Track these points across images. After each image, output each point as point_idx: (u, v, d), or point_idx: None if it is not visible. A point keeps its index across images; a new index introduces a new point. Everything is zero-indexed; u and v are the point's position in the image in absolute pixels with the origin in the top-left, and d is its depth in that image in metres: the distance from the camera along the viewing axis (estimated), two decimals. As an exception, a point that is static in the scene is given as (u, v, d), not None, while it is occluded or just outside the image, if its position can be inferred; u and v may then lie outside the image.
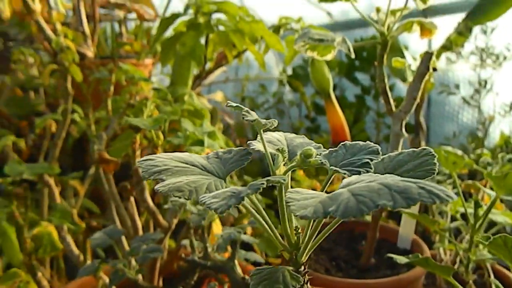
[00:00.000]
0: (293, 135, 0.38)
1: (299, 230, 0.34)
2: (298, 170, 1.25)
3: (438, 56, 1.27)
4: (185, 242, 0.76)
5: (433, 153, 0.33)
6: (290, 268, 0.33)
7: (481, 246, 0.72)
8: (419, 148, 0.33)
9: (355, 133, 1.97)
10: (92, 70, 1.07)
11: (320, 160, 0.31)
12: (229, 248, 0.64)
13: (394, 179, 0.27)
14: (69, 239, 0.84)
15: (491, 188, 0.72)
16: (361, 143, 0.34)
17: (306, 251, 0.34)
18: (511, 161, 0.99)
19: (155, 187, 0.30)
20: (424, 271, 0.76)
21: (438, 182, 1.06)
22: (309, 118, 2.26)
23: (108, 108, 0.99)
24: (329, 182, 0.33)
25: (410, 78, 0.77)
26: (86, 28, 1.41)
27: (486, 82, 1.67)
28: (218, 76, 2.09)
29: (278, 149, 0.34)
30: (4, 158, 1.04)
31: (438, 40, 1.25)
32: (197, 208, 0.68)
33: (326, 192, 0.30)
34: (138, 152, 0.73)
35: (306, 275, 0.35)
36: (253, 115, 0.33)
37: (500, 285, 0.60)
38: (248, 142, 0.36)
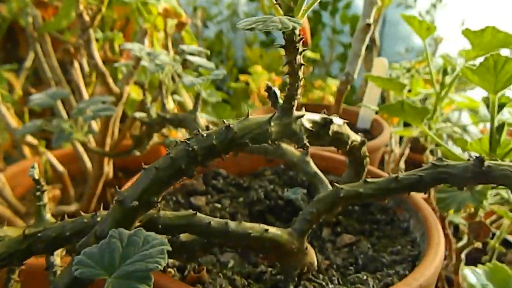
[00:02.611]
0: None
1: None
2: (256, 66, 1.21)
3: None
4: (139, 114, 0.70)
5: None
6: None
7: (440, 119, 0.73)
8: None
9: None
10: None
11: None
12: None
13: None
14: (4, 110, 0.75)
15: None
16: None
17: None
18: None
19: None
20: (385, 142, 0.77)
21: (397, 77, 1.07)
22: (264, 32, 2.18)
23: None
24: None
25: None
26: None
27: (442, -4, 1.68)
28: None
29: None
30: None
31: None
32: (154, 63, 0.61)
33: None
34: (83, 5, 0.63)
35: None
36: None
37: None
38: None
